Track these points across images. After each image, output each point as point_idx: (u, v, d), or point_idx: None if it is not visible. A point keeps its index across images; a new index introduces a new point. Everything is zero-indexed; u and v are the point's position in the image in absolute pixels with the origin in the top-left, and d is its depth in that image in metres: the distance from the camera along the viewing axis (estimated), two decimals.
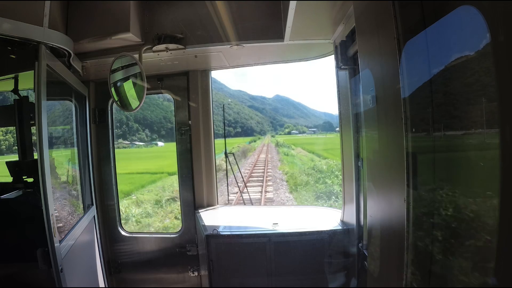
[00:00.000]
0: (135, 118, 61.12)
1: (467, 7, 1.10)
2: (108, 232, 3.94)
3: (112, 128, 3.98)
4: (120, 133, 56.41)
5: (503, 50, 0.93)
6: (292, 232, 3.14)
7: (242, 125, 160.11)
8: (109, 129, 3.93)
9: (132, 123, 63.21)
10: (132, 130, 63.35)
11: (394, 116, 1.41)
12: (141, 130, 63.62)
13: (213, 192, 3.96)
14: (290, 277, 3.12)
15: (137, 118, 61.93)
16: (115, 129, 4.07)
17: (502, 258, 0.98)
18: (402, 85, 1.32)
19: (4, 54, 2.58)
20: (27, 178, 3.05)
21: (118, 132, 59.09)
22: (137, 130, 64.31)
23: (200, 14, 2.96)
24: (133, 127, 63.71)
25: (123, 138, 59.10)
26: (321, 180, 19.74)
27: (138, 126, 63.56)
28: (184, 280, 3.91)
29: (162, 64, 3.46)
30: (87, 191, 3.56)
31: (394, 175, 1.45)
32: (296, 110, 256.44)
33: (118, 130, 58.24)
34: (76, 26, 2.85)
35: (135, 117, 61.06)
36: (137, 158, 35.04)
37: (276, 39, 2.96)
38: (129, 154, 40.94)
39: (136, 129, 64.17)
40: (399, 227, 1.40)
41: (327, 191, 17.34)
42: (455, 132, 1.31)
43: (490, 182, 1.10)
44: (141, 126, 62.41)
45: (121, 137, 58.12)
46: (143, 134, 62.90)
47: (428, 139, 1.42)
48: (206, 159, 3.88)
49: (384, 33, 1.48)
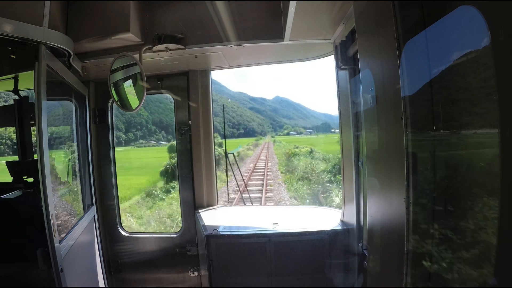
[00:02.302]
0: (153, 121, 66.00)
1: (467, 7, 1.10)
2: (108, 232, 3.94)
3: (112, 128, 3.98)
4: (140, 134, 64.61)
5: (503, 50, 0.93)
6: (292, 232, 3.14)
7: (245, 126, 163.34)
8: (109, 129, 3.93)
9: (150, 125, 67.43)
10: (151, 132, 68.08)
11: (394, 116, 1.41)
12: (158, 132, 66.69)
13: (213, 192, 3.96)
14: (290, 277, 3.12)
15: (154, 121, 65.81)
16: (134, 131, 4.11)
17: (502, 258, 0.98)
18: (402, 85, 1.32)
19: (4, 54, 2.57)
20: (27, 178, 3.05)
21: (139, 133, 65.41)
22: (155, 132, 67.88)
23: (200, 14, 2.96)
24: (152, 129, 68.12)
25: (142, 138, 65.76)
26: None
27: (155, 128, 67.36)
28: (184, 280, 3.91)
29: (162, 64, 3.46)
30: (87, 191, 3.56)
31: (394, 175, 1.45)
32: (295, 111, 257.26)
33: (139, 132, 65.23)
34: (76, 26, 2.85)
35: (153, 121, 65.85)
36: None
37: (276, 39, 2.96)
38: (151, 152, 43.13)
39: (154, 131, 68.07)
40: (399, 227, 1.40)
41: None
42: (455, 131, 1.31)
43: (490, 182, 1.10)
44: (158, 128, 65.39)
45: (142, 137, 64.60)
46: (160, 136, 66.01)
47: (428, 139, 1.42)
48: (206, 159, 3.88)
49: (384, 33, 1.48)
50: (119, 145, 53.78)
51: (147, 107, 57.62)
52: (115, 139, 4.06)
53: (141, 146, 62.02)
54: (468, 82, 1.19)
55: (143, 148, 58.76)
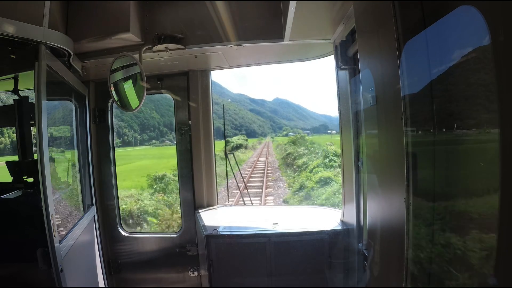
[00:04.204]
0: (164, 123, 71.24)
1: (467, 7, 1.10)
2: (108, 232, 3.94)
3: (112, 128, 3.98)
4: (153, 135, 71.81)
5: (503, 50, 0.93)
6: (292, 232, 3.14)
7: (247, 128, 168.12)
8: (109, 129, 3.93)
9: (162, 127, 72.43)
10: (163, 133, 72.91)
11: (394, 116, 1.41)
12: (169, 133, 72.19)
13: (213, 192, 3.96)
14: (290, 277, 3.12)
15: (166, 123, 70.34)
16: (147, 132, 4.16)
17: (502, 258, 0.98)
18: (402, 85, 1.32)
19: (4, 54, 2.57)
20: (27, 178, 3.05)
21: (152, 134, 71.83)
22: (166, 133, 72.65)
23: (200, 14, 2.96)
24: (163, 130, 73.19)
25: (156, 139, 71.93)
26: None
27: (167, 130, 72.51)
28: (184, 280, 3.91)
29: (162, 64, 3.46)
30: (87, 191, 3.56)
31: (394, 175, 1.45)
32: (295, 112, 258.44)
33: (152, 133, 71.98)
34: (76, 26, 2.85)
35: (164, 123, 70.76)
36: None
37: (276, 39, 2.96)
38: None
39: (165, 132, 72.63)
40: (399, 227, 1.40)
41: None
42: (455, 131, 1.31)
43: (490, 181, 1.10)
44: (169, 130, 70.51)
45: (154, 138, 71.61)
46: (171, 136, 71.78)
47: (428, 139, 1.42)
48: (206, 159, 3.88)
49: (384, 33, 1.48)
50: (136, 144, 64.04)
51: (158, 110, 64.32)
52: (114, 139, 4.06)
53: (157, 145, 66.72)
54: (468, 82, 1.19)
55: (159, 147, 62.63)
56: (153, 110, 68.69)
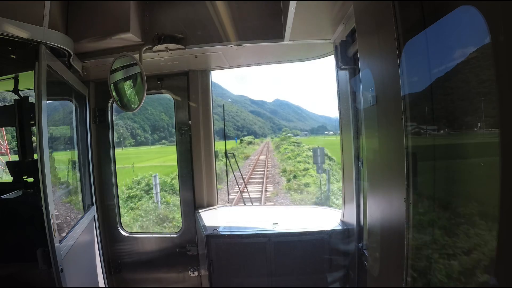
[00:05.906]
0: (173, 125, 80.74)
1: (467, 7, 1.10)
2: (108, 232, 3.94)
3: (112, 128, 3.98)
4: (163, 136, 76.28)
5: (503, 50, 0.93)
6: (292, 232, 3.14)
7: (248, 129, 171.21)
8: (109, 129, 3.93)
9: (171, 128, 78.19)
10: (171, 134, 78.49)
11: (394, 116, 1.41)
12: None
13: (213, 192, 3.96)
14: (290, 277, 3.12)
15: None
16: (158, 133, 4.18)
17: (502, 258, 0.98)
18: (402, 85, 1.32)
19: (4, 54, 2.57)
20: (27, 178, 3.05)
21: (161, 135, 76.65)
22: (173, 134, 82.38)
23: (200, 14, 2.96)
24: (171, 131, 79.71)
25: (165, 139, 75.63)
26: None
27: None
28: (184, 280, 3.91)
29: (162, 64, 3.46)
30: (87, 191, 3.56)
31: (394, 175, 1.45)
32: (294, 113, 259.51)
33: (162, 133, 76.89)
34: (76, 26, 2.85)
35: (173, 124, 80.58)
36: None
37: (276, 39, 2.95)
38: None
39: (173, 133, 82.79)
40: (399, 227, 1.40)
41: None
42: (456, 131, 1.31)
43: (490, 181, 1.10)
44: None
45: (164, 138, 76.18)
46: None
47: (428, 139, 1.42)
48: (206, 159, 3.88)
49: (384, 33, 1.48)
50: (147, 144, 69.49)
51: (167, 112, 66.72)
52: (115, 139, 4.06)
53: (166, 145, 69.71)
54: (468, 82, 1.19)
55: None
56: (162, 112, 71.24)
